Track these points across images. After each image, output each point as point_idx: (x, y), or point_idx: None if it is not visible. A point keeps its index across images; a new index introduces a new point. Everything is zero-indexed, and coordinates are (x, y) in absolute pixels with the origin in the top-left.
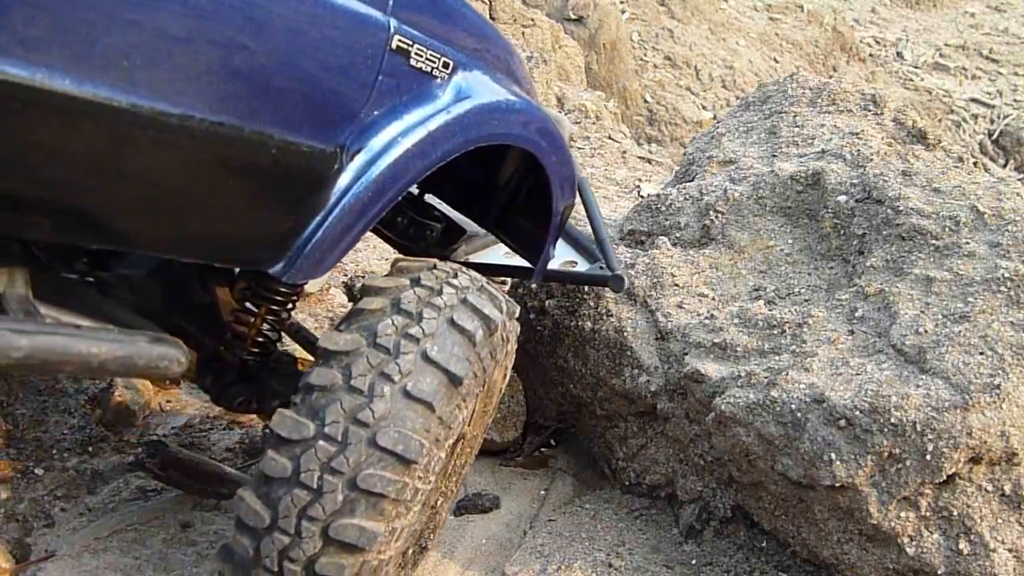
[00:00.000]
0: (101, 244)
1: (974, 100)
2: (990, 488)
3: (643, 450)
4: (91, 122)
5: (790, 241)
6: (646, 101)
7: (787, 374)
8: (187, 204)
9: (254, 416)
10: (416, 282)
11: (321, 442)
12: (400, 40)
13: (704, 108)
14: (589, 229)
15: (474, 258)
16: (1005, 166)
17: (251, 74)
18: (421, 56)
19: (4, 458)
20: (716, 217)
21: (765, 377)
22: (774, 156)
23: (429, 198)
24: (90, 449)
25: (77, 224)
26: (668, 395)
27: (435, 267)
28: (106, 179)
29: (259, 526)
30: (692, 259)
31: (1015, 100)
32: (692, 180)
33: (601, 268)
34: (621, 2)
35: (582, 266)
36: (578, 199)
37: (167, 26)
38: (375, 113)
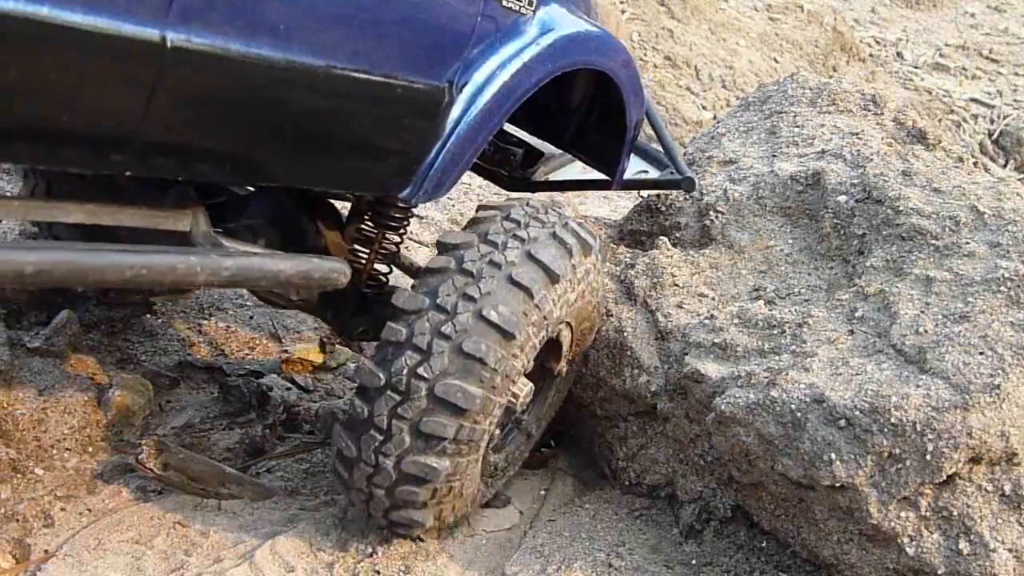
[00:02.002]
0: (264, 182)
1: (974, 100)
2: (990, 488)
3: (643, 450)
4: (259, 77)
5: (790, 241)
6: None
7: (787, 374)
8: (335, 143)
9: (253, 416)
10: (524, 203)
11: (432, 312)
12: None
13: (704, 108)
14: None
15: (553, 177)
16: (1005, 166)
17: (379, 27)
18: None
19: (4, 458)
20: (716, 217)
21: (765, 377)
22: (774, 156)
23: (507, 126)
24: (90, 449)
25: (244, 167)
26: (668, 395)
27: (531, 200)
28: (272, 126)
29: (374, 386)
30: (692, 259)
31: (1015, 100)
32: None
33: (672, 173)
34: (621, 2)
35: (653, 174)
36: None
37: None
38: (475, 51)
